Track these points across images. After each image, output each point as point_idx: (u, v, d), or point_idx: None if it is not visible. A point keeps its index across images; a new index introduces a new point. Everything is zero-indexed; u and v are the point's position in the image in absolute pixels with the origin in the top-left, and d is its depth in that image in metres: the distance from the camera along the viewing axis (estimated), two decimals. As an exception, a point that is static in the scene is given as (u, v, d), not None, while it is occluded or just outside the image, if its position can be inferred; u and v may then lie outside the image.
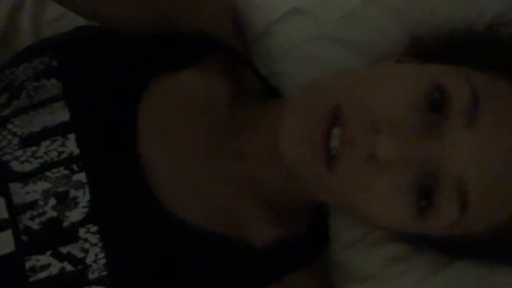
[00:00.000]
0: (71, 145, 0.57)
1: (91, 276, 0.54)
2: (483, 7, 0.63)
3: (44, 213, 0.55)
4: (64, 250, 0.55)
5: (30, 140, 0.57)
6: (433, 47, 0.60)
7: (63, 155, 0.56)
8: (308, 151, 0.51)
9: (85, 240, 0.55)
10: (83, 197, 0.55)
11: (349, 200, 0.53)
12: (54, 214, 0.55)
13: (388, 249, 0.67)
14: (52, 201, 0.56)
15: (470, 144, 0.49)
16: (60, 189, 0.56)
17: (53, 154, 0.56)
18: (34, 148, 0.57)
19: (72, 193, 0.56)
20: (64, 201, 0.55)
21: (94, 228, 0.55)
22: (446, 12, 0.62)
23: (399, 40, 0.64)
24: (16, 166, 0.57)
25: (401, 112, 0.50)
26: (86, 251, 0.55)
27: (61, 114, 0.57)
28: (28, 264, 0.55)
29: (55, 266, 0.54)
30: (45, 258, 0.55)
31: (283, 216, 0.63)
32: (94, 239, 0.55)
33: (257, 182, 0.61)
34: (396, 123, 0.49)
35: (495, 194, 0.51)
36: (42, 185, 0.56)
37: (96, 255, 0.54)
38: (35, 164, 0.56)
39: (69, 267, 0.54)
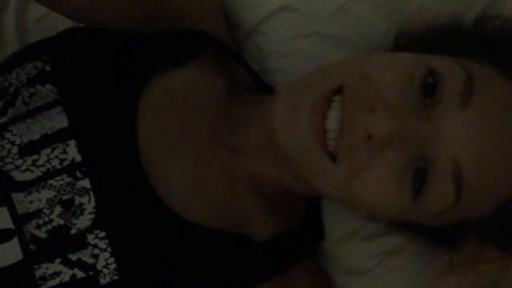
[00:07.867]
0: (72, 152, 0.56)
1: (103, 281, 0.55)
2: (470, 2, 0.64)
3: (50, 221, 0.55)
4: (73, 257, 0.55)
5: (29, 149, 0.57)
6: (421, 41, 0.61)
7: (65, 162, 0.56)
8: (304, 133, 0.51)
9: (94, 246, 0.55)
10: (89, 203, 0.56)
11: (349, 188, 0.52)
12: (61, 222, 0.55)
13: (381, 243, 0.68)
14: (58, 209, 0.56)
15: (463, 125, 0.50)
16: (65, 197, 0.56)
17: (55, 162, 0.56)
18: (34, 156, 0.56)
19: (77, 200, 0.56)
20: (70, 208, 0.56)
21: (102, 234, 0.55)
22: (434, 7, 0.64)
23: (388, 36, 0.65)
24: (17, 176, 0.56)
25: (398, 95, 0.50)
26: (96, 256, 0.55)
27: (59, 121, 0.57)
28: (38, 273, 0.55)
29: (66, 274, 0.55)
30: (54, 266, 0.55)
31: (280, 211, 0.64)
32: (103, 244, 0.55)
33: (254, 177, 0.62)
34: (391, 104, 0.50)
35: (490, 176, 0.51)
36: (46, 194, 0.56)
37: (106, 260, 0.55)
38: (37, 172, 0.56)
39: (80, 274, 0.55)
